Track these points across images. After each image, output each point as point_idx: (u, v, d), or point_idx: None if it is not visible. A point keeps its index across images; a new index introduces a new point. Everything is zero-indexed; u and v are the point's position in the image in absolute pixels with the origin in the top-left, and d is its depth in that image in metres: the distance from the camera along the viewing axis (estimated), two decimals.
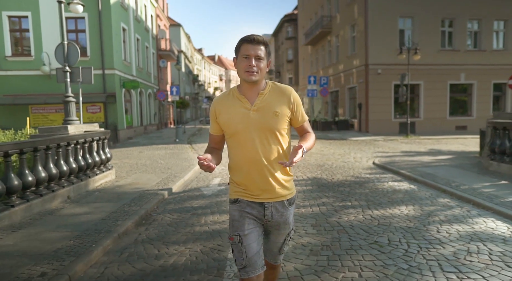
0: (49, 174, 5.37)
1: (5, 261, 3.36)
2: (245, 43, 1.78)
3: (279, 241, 2.00)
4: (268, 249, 2.03)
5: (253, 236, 1.86)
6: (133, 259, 3.51)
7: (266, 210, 1.87)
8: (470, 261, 3.24)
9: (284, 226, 1.95)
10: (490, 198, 5.27)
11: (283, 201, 1.89)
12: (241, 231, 1.85)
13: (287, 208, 1.92)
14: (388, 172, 8.21)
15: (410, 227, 4.21)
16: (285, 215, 1.92)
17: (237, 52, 1.83)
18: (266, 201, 1.86)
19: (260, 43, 1.78)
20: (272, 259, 2.06)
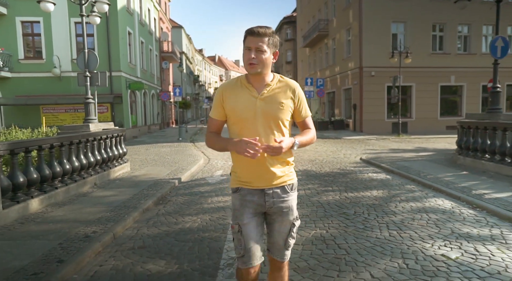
0: (81, 163, 6.51)
1: (62, 224, 4.49)
2: (248, 35, 1.82)
3: (283, 230, 1.96)
4: (274, 243, 1.99)
5: (252, 226, 1.91)
6: (157, 224, 4.64)
7: (267, 196, 1.90)
8: (411, 224, 4.38)
9: (287, 212, 1.95)
10: (447, 184, 6.40)
11: (284, 186, 1.93)
12: (241, 220, 1.91)
13: (289, 193, 1.94)
14: (371, 166, 9.34)
15: (374, 204, 5.34)
16: (287, 201, 1.94)
17: (243, 43, 1.88)
18: (267, 188, 1.90)
19: (261, 35, 1.80)
20: (278, 254, 1.99)
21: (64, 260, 3.36)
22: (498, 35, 8.88)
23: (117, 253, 3.68)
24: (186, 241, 3.97)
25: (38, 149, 5.37)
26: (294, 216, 1.98)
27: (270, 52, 1.85)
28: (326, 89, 27.17)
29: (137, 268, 3.30)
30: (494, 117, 8.15)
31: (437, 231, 4.09)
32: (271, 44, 1.84)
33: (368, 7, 20.96)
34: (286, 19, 41.17)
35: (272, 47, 1.85)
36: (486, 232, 4.04)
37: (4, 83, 18.44)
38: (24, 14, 18.40)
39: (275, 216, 1.94)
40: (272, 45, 1.85)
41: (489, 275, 2.98)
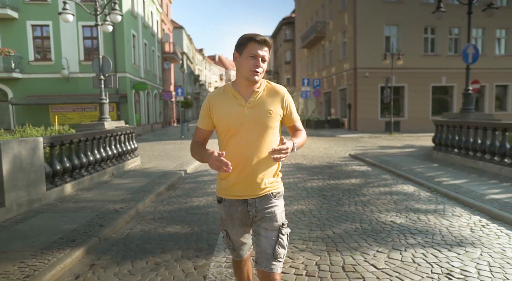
0: (101, 156, 7.62)
1: (94, 203, 5.60)
2: (253, 42, 1.79)
3: (270, 236, 1.88)
4: (262, 252, 1.88)
5: (239, 232, 2.00)
6: (170, 203, 5.75)
7: (250, 206, 1.90)
8: (375, 202, 5.48)
9: (270, 218, 1.90)
10: (416, 174, 7.50)
11: (267, 194, 1.91)
12: (228, 227, 2.01)
13: (272, 200, 1.91)
14: (356, 160, 10.44)
15: (350, 189, 6.45)
16: (271, 207, 1.90)
17: (242, 48, 1.82)
18: (250, 198, 1.89)
19: (267, 45, 1.82)
20: (266, 265, 1.86)
21: (103, 225, 4.47)
22: (469, 43, 9.94)
23: (142, 222, 4.78)
24: (195, 214, 5.08)
25: (70, 142, 6.47)
26: (279, 223, 1.90)
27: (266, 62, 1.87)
28: (323, 89, 28.29)
29: (159, 230, 4.41)
30: (465, 117, 9.23)
31: (393, 207, 5.20)
32: (269, 54, 1.88)
33: (362, 10, 22.05)
34: (285, 20, 42.25)
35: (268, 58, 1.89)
36: (432, 207, 5.14)
37: (15, 84, 19.54)
38: (35, 18, 19.51)
39: (260, 222, 1.92)
40: (269, 55, 1.89)
41: (419, 232, 4.09)
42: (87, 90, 20.05)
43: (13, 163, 4.86)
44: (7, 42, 19.23)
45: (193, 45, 54.25)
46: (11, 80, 19.42)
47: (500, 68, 23.98)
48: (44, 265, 3.28)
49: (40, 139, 5.54)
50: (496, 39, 24.13)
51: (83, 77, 20.04)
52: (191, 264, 3.38)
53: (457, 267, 3.18)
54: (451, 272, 3.09)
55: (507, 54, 24.25)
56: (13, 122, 19.28)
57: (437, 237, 3.95)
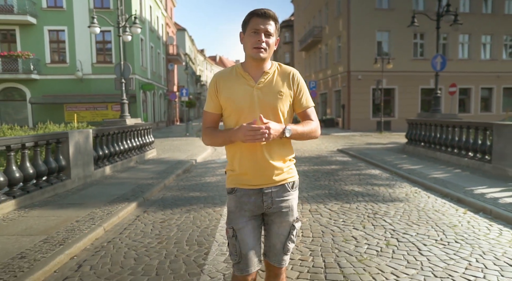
0: (128, 146, 9.42)
1: (130, 180, 7.40)
2: (255, 17, 1.71)
3: (282, 233, 1.84)
4: (271, 246, 1.86)
5: (247, 229, 1.81)
6: (189, 181, 7.55)
7: (265, 196, 1.79)
8: (345, 180, 7.28)
9: (286, 213, 1.83)
10: (385, 163, 9.30)
11: (284, 184, 1.82)
12: (235, 224, 1.82)
13: (289, 191, 1.84)
14: (342, 153, 12.24)
15: (329, 172, 8.26)
16: (288, 200, 1.83)
17: (245, 26, 1.75)
18: (266, 187, 1.79)
19: (270, 18, 1.72)
20: (276, 259, 1.86)
21: (143, 191, 6.27)
22: (437, 54, 11.75)
23: (170, 191, 6.59)
24: (208, 186, 6.89)
25: (108, 134, 8.27)
26: (294, 217, 1.87)
27: (275, 38, 1.77)
28: (319, 91, 30.11)
29: (184, 194, 6.21)
30: (433, 116, 11.01)
31: (357, 182, 7.00)
32: (277, 29, 1.77)
33: (355, 17, 23.86)
34: (285, 23, 44.07)
35: (276, 33, 1.77)
36: (386, 183, 6.95)
37: (33, 84, 21.36)
38: (51, 23, 21.32)
39: (274, 216, 1.84)
40: (277, 31, 1.78)
41: (368, 195, 5.89)
42: (99, 90, 21.88)
43: (75, 147, 6.66)
44: (26, 46, 21.03)
45: (194, 46, 56.08)
46: (29, 81, 21.22)
47: (486, 72, 25.79)
48: (114, 210, 5.08)
49: (90, 130, 7.35)
50: (482, 44, 25.93)
51: (96, 78, 21.86)
52: (210, 209, 5.19)
53: (382, 210, 4.98)
54: (377, 213, 4.89)
55: (492, 58, 26.06)
56: (32, 119, 21.09)
57: (379, 197, 5.76)
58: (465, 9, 25.49)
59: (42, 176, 5.82)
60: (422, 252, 3.53)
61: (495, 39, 25.90)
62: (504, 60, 26.11)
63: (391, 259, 3.38)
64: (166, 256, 3.52)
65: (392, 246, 3.68)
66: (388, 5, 24.57)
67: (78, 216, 4.74)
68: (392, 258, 3.40)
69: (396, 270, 3.14)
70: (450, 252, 3.52)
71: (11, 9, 20.44)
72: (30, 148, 5.63)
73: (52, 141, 6.09)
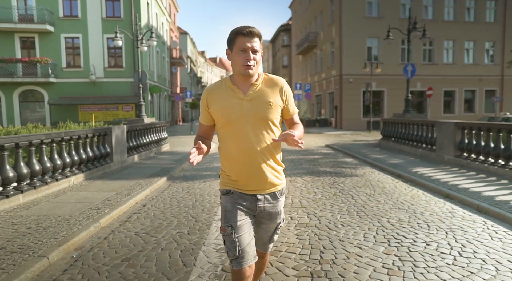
0: (149, 140, 11.65)
1: (155, 165, 9.64)
2: (240, 36, 1.82)
3: (269, 230, 2.08)
4: (259, 238, 2.10)
5: (245, 227, 1.93)
6: (199, 165, 9.77)
7: (259, 201, 1.95)
8: (322, 164, 9.51)
9: (275, 217, 2.03)
10: (359, 153, 11.52)
11: (274, 192, 1.98)
12: (234, 222, 1.91)
13: (279, 199, 2.01)
14: (327, 147, 14.47)
15: (311, 160, 10.49)
16: (277, 206, 2.01)
17: (231, 44, 1.86)
18: (259, 193, 1.94)
19: (255, 36, 1.83)
20: (262, 247, 2.13)
21: (169, 171, 8.49)
22: (408, 63, 13.97)
23: (187, 171, 8.81)
24: (217, 168, 9.11)
25: (135, 130, 10.50)
26: (280, 219, 2.07)
27: (261, 52, 1.88)
28: (314, 92, 32.38)
29: (200, 173, 8.44)
30: (403, 116, 13.23)
31: (331, 166, 9.24)
32: (261, 44, 1.88)
33: (347, 24, 26.11)
34: (283, 26, 46.36)
35: (261, 48, 1.89)
36: (352, 166, 9.19)
37: (50, 87, 23.60)
38: (67, 31, 23.57)
39: (263, 219, 2.03)
40: (261, 45, 1.89)
41: (336, 173, 8.12)
42: (110, 92, 24.12)
43: (116, 139, 8.89)
44: (44, 51, 23.27)
45: (196, 49, 58.38)
46: (47, 84, 23.45)
47: (469, 75, 28.07)
48: (152, 181, 7.31)
49: (125, 126, 9.59)
50: (465, 49, 28.20)
51: (108, 81, 24.10)
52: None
53: (341, 181, 7.21)
54: (335, 182, 7.12)
55: (474, 63, 28.34)
56: (49, 119, 23.31)
57: (342, 174, 7.99)
58: (449, 17, 27.80)
59: (97, 159, 8.06)
60: (355, 199, 5.76)
61: (477, 45, 28.17)
62: (485, 65, 28.39)
63: (334, 201, 5.60)
64: (196, 201, 5.76)
65: (337, 195, 5.91)
66: (378, 14, 26.83)
67: (130, 184, 6.97)
68: (334, 201, 5.63)
69: (333, 206, 5.37)
70: (373, 199, 5.75)
71: (31, 19, 22.69)
72: (90, 138, 7.86)
73: (102, 134, 8.32)
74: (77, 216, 4.77)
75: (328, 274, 3.12)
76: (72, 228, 4.27)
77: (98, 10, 23.65)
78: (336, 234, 4.13)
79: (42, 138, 6.06)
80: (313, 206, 5.34)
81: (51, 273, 3.22)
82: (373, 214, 4.87)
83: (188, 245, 3.83)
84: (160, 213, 5.15)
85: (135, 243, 3.94)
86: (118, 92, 24.30)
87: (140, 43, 14.60)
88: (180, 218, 4.87)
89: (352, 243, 3.83)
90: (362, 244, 3.79)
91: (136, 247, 3.81)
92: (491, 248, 3.62)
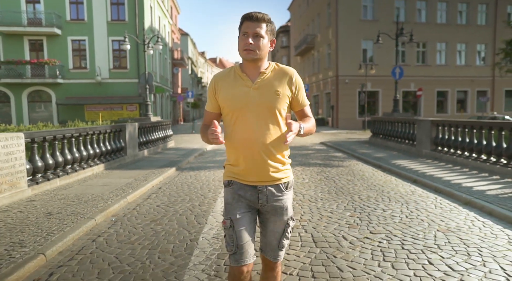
0: (157, 137, 12.80)
1: (164, 158, 10.79)
2: (245, 21, 1.82)
3: (277, 230, 1.96)
4: (267, 243, 1.98)
5: (244, 221, 1.90)
6: (203, 159, 10.93)
7: (260, 193, 1.90)
8: (314, 157, 10.67)
9: (281, 212, 1.94)
10: (348, 148, 12.66)
11: (278, 184, 1.91)
12: (233, 215, 1.90)
13: (284, 192, 1.93)
14: (321, 144, 15.62)
15: (304, 154, 11.64)
16: (282, 200, 1.93)
17: (239, 29, 1.87)
18: (260, 184, 1.90)
19: (259, 21, 1.81)
20: (271, 255, 1.99)
21: (176, 163, 9.64)
22: (396, 65, 15.12)
23: (193, 164, 9.96)
24: (219, 161, 10.26)
25: (145, 127, 11.65)
26: (288, 216, 1.97)
27: (268, 39, 1.85)
28: (312, 93, 33.54)
29: (203, 165, 9.59)
30: (391, 115, 14.38)
31: (321, 159, 10.38)
32: (269, 31, 1.85)
33: (343, 27, 27.28)
34: (282, 28, 47.54)
35: (269, 34, 1.85)
36: (341, 159, 10.34)
37: (58, 88, 24.75)
38: (74, 34, 24.71)
39: (269, 215, 1.95)
40: (270, 32, 1.85)
41: (325, 165, 9.28)
42: (115, 92, 25.26)
43: (129, 134, 10.04)
44: (52, 54, 24.42)
45: (196, 50, 59.55)
46: (54, 85, 24.59)
47: (461, 76, 29.24)
48: (163, 170, 8.46)
49: (136, 123, 10.74)
50: (457, 51, 29.38)
51: (113, 82, 25.24)
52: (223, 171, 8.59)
53: (327, 170, 8.36)
54: (323, 171, 8.27)
55: (466, 64, 29.51)
56: (57, 118, 24.46)
57: (330, 166, 9.14)
58: (442, 20, 28.98)
59: (114, 152, 9.21)
60: (336, 182, 6.91)
61: (469, 47, 29.34)
62: (477, 66, 29.57)
63: (318, 184, 6.75)
64: (203, 184, 6.92)
65: (322, 180, 7.06)
66: (373, 17, 27.99)
67: (145, 172, 8.12)
68: (318, 184, 6.77)
69: (317, 187, 6.52)
70: (351, 183, 6.89)
71: (40, 22, 23.84)
72: (108, 133, 9.01)
73: (118, 130, 9.47)
74: (107, 194, 5.92)
75: (304, 227, 4.28)
76: (106, 201, 5.42)
77: (103, 14, 24.80)
78: (315, 204, 5.28)
79: (73, 133, 7.21)
80: (300, 187, 6.49)
81: (99, 230, 4.37)
82: (348, 193, 6.03)
83: (200, 212, 4.99)
84: (174, 192, 6.30)
85: (158, 211, 5.09)
86: (123, 92, 25.43)
87: (147, 47, 15.73)
88: (191, 195, 6.03)
89: (326, 210, 4.99)
90: (334, 210, 4.95)
91: (159, 214, 4.97)
92: (431, 214, 4.78)
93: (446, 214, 4.76)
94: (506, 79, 28.02)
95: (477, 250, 3.52)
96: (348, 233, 4.06)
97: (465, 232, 4.04)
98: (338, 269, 3.16)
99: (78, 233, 4.11)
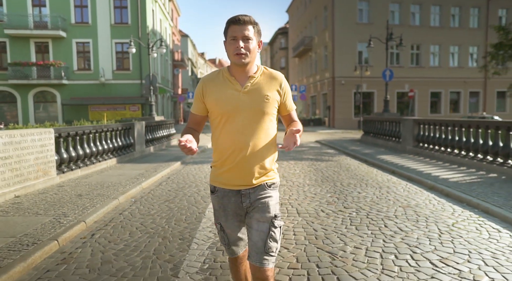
0: (161, 135, 13.78)
1: (170, 154, 11.77)
2: (232, 25, 1.81)
3: (261, 229, 1.89)
4: (253, 245, 1.90)
5: (233, 224, 1.98)
6: (205, 154, 11.90)
7: (243, 197, 1.91)
8: (307, 153, 11.64)
9: (263, 208, 1.90)
10: (340, 146, 13.64)
11: (261, 184, 1.91)
12: (221, 220, 1.99)
13: (267, 189, 1.93)
14: (316, 143, 16.60)
15: (298, 151, 12.62)
16: (264, 196, 1.91)
17: (225, 34, 1.86)
18: (244, 188, 1.90)
19: (246, 23, 1.80)
20: (257, 258, 1.86)
21: (181, 158, 10.62)
22: (386, 68, 16.11)
23: (197, 159, 10.93)
24: None
25: (151, 126, 12.61)
26: (272, 214, 1.91)
27: (256, 41, 1.86)
28: (309, 93, 34.56)
29: (206, 160, 10.56)
30: (381, 115, 15.35)
31: (314, 154, 11.36)
32: (256, 32, 1.85)
33: (339, 30, 28.29)
34: (281, 30, 48.56)
35: (257, 36, 1.86)
36: (332, 155, 11.32)
37: (63, 88, 25.72)
38: (78, 36, 25.69)
39: (253, 213, 1.92)
40: (257, 34, 1.86)
41: (316, 159, 10.26)
42: (119, 93, 26.24)
43: (137, 132, 11.02)
44: (57, 55, 25.39)
45: (196, 51, 60.56)
46: (59, 85, 25.56)
47: (454, 78, 30.27)
48: (170, 164, 9.43)
49: (144, 122, 11.71)
50: (450, 53, 30.41)
51: (116, 83, 26.22)
52: None
53: (317, 163, 9.34)
54: (313, 164, 9.25)
55: (459, 66, 30.54)
56: (62, 118, 25.42)
57: (320, 160, 10.12)
58: (435, 23, 30.01)
59: (124, 148, 10.19)
60: (323, 173, 7.89)
61: (462, 49, 30.38)
62: (470, 68, 30.60)
63: (306, 174, 7.73)
64: (207, 175, 7.90)
65: (311, 172, 8.04)
66: (368, 20, 29.02)
67: (153, 166, 9.10)
68: (307, 174, 7.75)
69: (306, 176, 7.50)
70: (336, 173, 7.87)
71: (45, 25, 24.82)
72: (119, 131, 9.98)
73: (128, 127, 10.45)
74: (124, 182, 6.90)
75: (291, 204, 5.26)
76: (124, 187, 6.39)
77: (107, 17, 25.77)
78: (302, 189, 6.27)
79: (91, 129, 8.18)
80: (291, 176, 7.47)
81: (123, 207, 5.34)
82: (332, 180, 7.02)
83: (205, 194, 5.96)
84: (181, 181, 7.28)
85: (169, 194, 6.07)
86: (125, 93, 26.41)
87: (151, 51, 16.71)
88: (196, 183, 7.01)
89: (311, 192, 5.98)
90: (317, 193, 5.94)
91: (171, 196, 5.94)
92: (398, 195, 5.77)
93: (411, 195, 5.75)
94: (498, 80, 29.04)
95: (425, 218, 4.51)
96: (326, 208, 5.04)
97: (421, 207, 5.03)
98: (314, 230, 4.14)
99: (107, 208, 5.09)
